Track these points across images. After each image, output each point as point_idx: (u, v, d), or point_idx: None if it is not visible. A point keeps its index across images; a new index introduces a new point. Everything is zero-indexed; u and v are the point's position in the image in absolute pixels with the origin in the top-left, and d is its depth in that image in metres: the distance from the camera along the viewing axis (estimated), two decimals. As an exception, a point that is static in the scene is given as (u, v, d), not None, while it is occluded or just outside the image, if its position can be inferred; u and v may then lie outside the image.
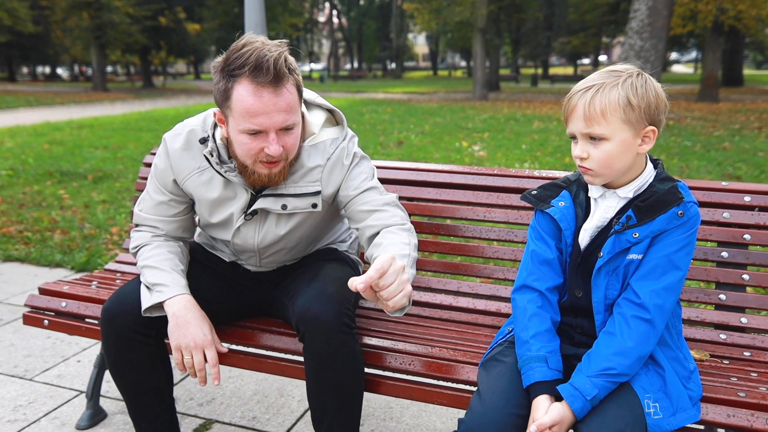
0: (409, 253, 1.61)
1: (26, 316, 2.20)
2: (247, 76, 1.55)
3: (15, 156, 8.46)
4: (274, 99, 1.57)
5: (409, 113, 16.52)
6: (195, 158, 1.80)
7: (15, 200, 5.79)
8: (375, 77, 55.06)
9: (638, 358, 1.41)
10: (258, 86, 1.55)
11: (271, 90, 1.56)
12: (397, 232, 1.69)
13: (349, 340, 1.67)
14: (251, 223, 1.83)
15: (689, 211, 1.44)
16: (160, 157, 1.84)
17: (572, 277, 1.55)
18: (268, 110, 1.57)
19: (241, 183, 1.76)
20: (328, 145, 1.81)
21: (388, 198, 1.80)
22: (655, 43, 14.04)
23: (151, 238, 1.87)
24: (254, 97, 1.56)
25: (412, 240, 1.69)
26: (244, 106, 1.57)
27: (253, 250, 1.90)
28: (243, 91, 1.56)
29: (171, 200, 1.87)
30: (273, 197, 1.78)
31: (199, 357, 1.70)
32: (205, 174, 1.79)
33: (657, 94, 1.43)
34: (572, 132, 1.47)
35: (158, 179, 1.86)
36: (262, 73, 1.54)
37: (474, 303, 2.14)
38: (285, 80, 1.58)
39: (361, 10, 57.65)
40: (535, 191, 1.64)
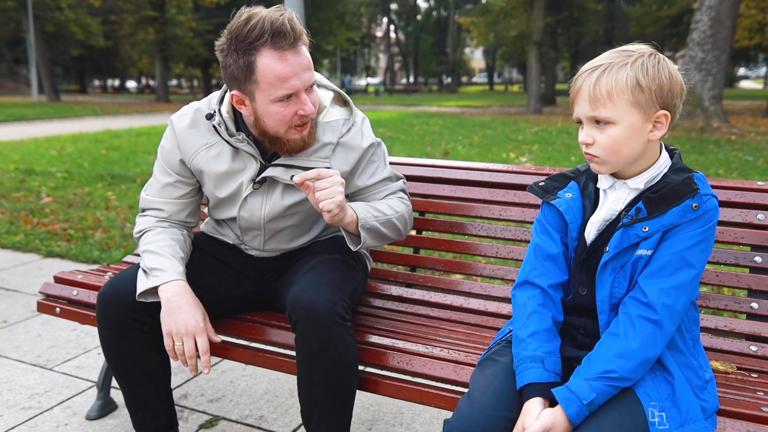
0: (388, 214, 1.77)
1: (40, 303, 2.22)
2: (269, 45, 1.58)
3: (72, 160, 8.81)
4: (298, 59, 1.61)
5: (459, 125, 16.39)
6: (202, 135, 1.81)
7: (65, 200, 6.00)
8: (430, 91, 55.08)
9: (643, 361, 1.29)
10: (282, 51, 1.59)
11: (293, 51, 1.60)
12: (395, 199, 1.85)
13: (342, 332, 1.61)
14: (258, 193, 1.82)
15: (705, 204, 1.31)
16: (167, 138, 1.86)
17: (577, 274, 1.44)
18: (296, 72, 1.61)
19: (251, 152, 1.76)
20: (341, 124, 1.82)
21: (399, 185, 1.92)
22: (717, 55, 13.51)
23: (155, 223, 1.86)
24: (282, 63, 1.59)
25: (401, 211, 1.82)
26: (274, 74, 1.59)
27: (258, 227, 1.87)
28: (269, 60, 1.59)
29: (177, 181, 1.86)
30: (283, 167, 1.77)
31: (190, 344, 1.67)
32: (213, 149, 1.80)
33: (671, 76, 1.31)
34: (578, 116, 1.37)
35: (164, 161, 1.86)
36: (283, 38, 1.58)
37: (485, 305, 2.04)
38: (302, 39, 1.63)
39: (418, 25, 57.92)
40: (543, 182, 1.54)
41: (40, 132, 13.75)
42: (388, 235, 1.79)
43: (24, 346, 2.92)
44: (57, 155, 9.38)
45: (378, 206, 1.77)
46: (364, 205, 1.75)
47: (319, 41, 36.96)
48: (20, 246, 4.48)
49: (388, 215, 1.77)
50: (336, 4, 38.00)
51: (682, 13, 26.10)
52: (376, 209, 1.75)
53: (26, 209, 5.55)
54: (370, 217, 1.72)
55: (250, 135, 1.78)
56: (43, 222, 5.08)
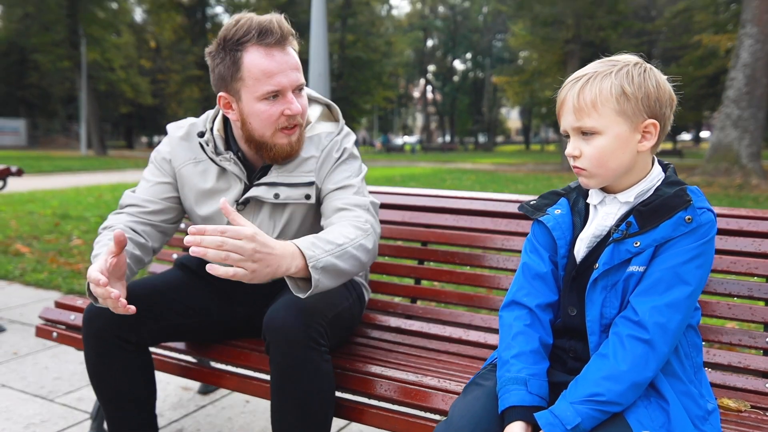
0: (341, 244, 1.51)
1: (39, 328, 2.22)
2: (255, 42, 1.60)
3: (108, 206, 9.03)
4: (285, 57, 1.63)
5: (492, 181, 16.36)
6: (192, 149, 1.82)
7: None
8: (466, 150, 55.51)
9: (633, 384, 1.19)
10: (268, 48, 1.60)
11: (280, 49, 1.62)
12: (346, 225, 1.63)
13: (315, 357, 1.53)
14: (244, 214, 1.79)
15: (700, 217, 1.23)
16: (163, 143, 1.88)
17: (566, 293, 1.36)
18: (282, 68, 1.61)
19: (236, 172, 1.75)
20: (323, 137, 1.80)
21: (361, 200, 1.74)
22: (753, 112, 13.31)
23: (126, 222, 1.75)
24: (267, 59, 1.60)
25: (357, 237, 1.58)
26: (260, 69, 1.60)
27: None
28: (254, 56, 1.60)
29: (168, 183, 1.85)
30: (266, 186, 1.74)
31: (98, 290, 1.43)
32: (200, 165, 1.81)
33: (658, 84, 1.27)
34: (564, 128, 1.33)
35: (158, 162, 1.86)
36: (269, 35, 1.60)
37: (485, 337, 1.95)
38: (289, 39, 1.64)
39: (455, 85, 58.94)
40: (534, 201, 1.48)
41: (83, 182, 14.23)
42: (347, 270, 1.52)
43: (29, 377, 2.91)
44: (94, 202, 9.65)
45: (327, 236, 1.52)
46: (310, 239, 1.48)
47: (356, 100, 37.91)
48: (43, 283, 4.55)
49: (341, 244, 1.51)
50: (374, 64, 39.07)
51: (718, 73, 25.96)
52: (325, 240, 1.49)
53: (55, 250, 5.67)
54: (321, 252, 1.45)
55: (239, 152, 1.78)
56: (69, 261, 5.17)
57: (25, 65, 38.73)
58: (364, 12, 39.89)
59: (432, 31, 58.48)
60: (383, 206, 2.27)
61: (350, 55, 37.94)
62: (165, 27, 35.85)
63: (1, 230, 6.73)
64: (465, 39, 55.62)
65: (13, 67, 39.21)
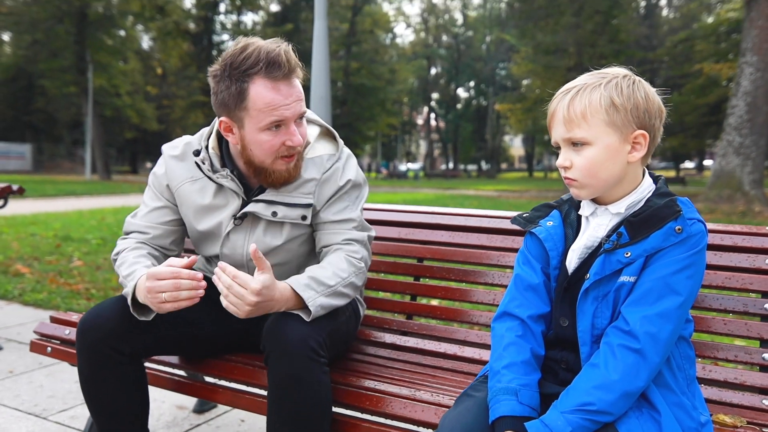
0: (333, 285, 1.65)
1: (33, 342, 2.21)
2: (263, 74, 1.61)
3: (109, 229, 9.06)
4: (290, 90, 1.65)
5: (495, 206, 16.38)
6: (188, 168, 1.83)
7: (94, 264, 6.11)
8: (469, 177, 55.70)
9: (624, 394, 1.18)
10: (275, 81, 1.62)
11: (286, 82, 1.64)
12: (342, 259, 1.72)
13: (314, 368, 1.53)
14: (241, 230, 1.80)
15: (690, 227, 1.24)
16: (159, 165, 1.89)
17: (558, 304, 1.36)
18: (287, 102, 1.64)
19: (234, 188, 1.76)
20: (325, 159, 1.81)
21: (361, 236, 1.80)
22: (755, 140, 13.36)
23: (134, 245, 1.83)
24: (273, 92, 1.62)
25: (349, 275, 1.70)
26: (265, 102, 1.62)
27: (242, 265, 1.84)
28: (261, 89, 1.61)
29: (166, 207, 1.87)
30: (264, 203, 1.76)
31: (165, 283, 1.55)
32: (197, 183, 1.82)
33: (647, 96, 1.28)
34: (555, 140, 1.34)
35: (155, 186, 1.88)
36: (277, 68, 1.61)
37: (480, 353, 1.94)
38: (296, 72, 1.66)
39: (458, 113, 59.31)
40: (527, 214, 1.49)
41: (86, 206, 14.28)
42: (336, 305, 1.67)
43: (24, 396, 2.89)
44: (96, 225, 9.68)
45: (321, 276, 1.65)
46: (305, 280, 1.62)
47: (360, 126, 38.20)
48: (42, 303, 4.54)
49: (333, 285, 1.65)
50: (378, 91, 39.46)
51: (720, 102, 26.14)
52: (319, 282, 1.63)
53: (55, 270, 5.67)
54: (314, 294, 1.60)
55: (235, 170, 1.79)
56: (69, 282, 5.17)
57: (32, 91, 39.18)
58: (369, 40, 40.43)
59: (435, 60, 59.11)
60: (379, 222, 2.27)
61: (354, 82, 38.35)
62: (171, 54, 36.33)
63: (2, 251, 6.74)
64: (468, 67, 56.15)
65: (21, 93, 39.68)
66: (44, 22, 30.68)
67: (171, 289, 1.54)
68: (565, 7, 26.78)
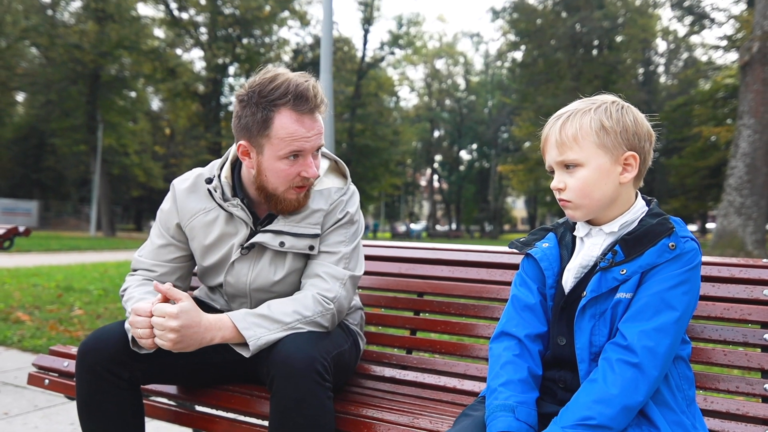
0: (289, 322, 1.64)
1: (31, 375, 2.20)
2: (290, 105, 1.66)
3: (111, 281, 9.06)
4: (313, 123, 1.69)
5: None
6: (200, 200, 1.85)
7: (95, 313, 6.09)
8: (472, 237, 55.79)
9: (624, 408, 1.18)
10: (300, 114, 1.67)
11: (310, 116, 1.69)
12: (310, 297, 1.71)
13: (319, 392, 1.53)
14: (246, 260, 1.82)
15: (684, 245, 1.27)
16: (167, 200, 1.91)
17: (555, 323, 1.37)
18: (308, 135, 1.68)
19: (243, 217, 1.79)
20: (333, 192, 1.84)
21: (341, 273, 1.78)
22: (756, 200, 13.43)
23: (143, 281, 1.86)
24: (297, 124, 1.67)
25: (313, 315, 1.68)
26: (288, 132, 1.66)
27: (244, 294, 1.85)
28: (286, 120, 1.66)
29: (171, 244, 1.89)
30: (272, 233, 1.78)
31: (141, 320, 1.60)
32: (210, 214, 1.84)
33: (636, 120, 1.33)
34: (548, 163, 1.38)
35: (161, 223, 1.90)
36: (305, 102, 1.66)
37: (481, 387, 1.92)
38: (320, 108, 1.71)
39: (461, 174, 59.97)
40: (524, 238, 1.52)
41: (89, 259, 14.31)
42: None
43: (18, 436, 2.85)
44: (98, 277, 9.68)
45: (276, 313, 1.65)
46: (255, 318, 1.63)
47: (364, 186, 38.57)
48: (41, 349, 4.50)
49: (289, 323, 1.63)
50: (382, 152, 40.04)
51: (720, 164, 26.45)
52: (272, 320, 1.63)
53: (56, 318, 5.65)
54: (264, 331, 1.61)
55: (245, 198, 1.82)
56: (69, 329, 5.14)
57: (43, 149, 39.86)
58: (373, 103, 41.33)
59: (439, 123, 60.21)
60: (380, 258, 2.30)
61: (359, 143, 38.99)
62: (180, 114, 37.12)
63: (4, 300, 6.73)
64: (471, 130, 57.12)
65: (31, 151, 40.36)
66: (58, 83, 31.57)
67: (145, 326, 1.58)
68: (565, 72, 27.53)
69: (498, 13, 34.08)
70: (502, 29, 35.75)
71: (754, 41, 13.67)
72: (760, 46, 13.45)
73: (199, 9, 33.65)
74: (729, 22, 28.11)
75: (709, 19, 29.54)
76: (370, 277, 2.29)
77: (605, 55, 29.71)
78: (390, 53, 44.67)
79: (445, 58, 58.27)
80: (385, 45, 43.63)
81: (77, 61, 30.20)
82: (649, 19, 30.70)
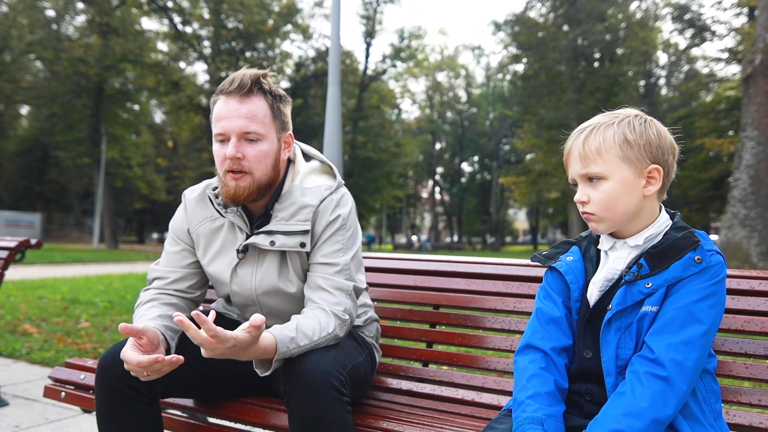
0: (317, 340, 1.63)
1: (47, 388, 2.20)
2: (224, 91, 1.75)
3: (117, 293, 9.06)
4: (238, 106, 1.72)
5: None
6: (207, 208, 1.89)
7: (102, 325, 6.09)
8: (474, 249, 55.73)
9: (653, 421, 1.18)
10: (227, 96, 1.74)
11: (237, 98, 1.73)
12: (327, 313, 1.70)
13: (338, 407, 1.52)
14: (248, 265, 1.83)
15: (709, 258, 1.27)
16: (179, 210, 1.95)
17: (581, 336, 1.37)
18: (230, 115, 1.72)
19: (239, 224, 1.82)
20: (323, 189, 1.84)
21: (345, 284, 1.77)
22: (761, 212, 13.42)
23: (153, 296, 1.86)
24: (223, 104, 1.74)
25: (334, 329, 1.68)
26: (216, 114, 1.75)
27: (252, 301, 1.86)
28: (218, 104, 1.76)
29: (184, 250, 1.91)
30: (264, 234, 1.79)
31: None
32: (216, 222, 1.87)
33: (659, 133, 1.34)
34: (572, 176, 1.39)
35: (174, 231, 1.94)
36: (231, 85, 1.73)
37: (499, 399, 1.92)
38: (252, 93, 1.73)
39: (462, 186, 60.00)
40: (547, 251, 1.53)
41: (93, 272, 14.31)
42: None
43: (29, 449, 2.84)
44: (104, 289, 9.67)
45: (306, 329, 1.63)
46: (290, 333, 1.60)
47: (365, 198, 38.63)
48: (50, 362, 4.50)
49: (316, 341, 1.63)
50: (383, 164, 40.12)
51: (723, 176, 26.46)
52: (303, 335, 1.61)
53: (63, 331, 5.64)
54: (296, 348, 1.59)
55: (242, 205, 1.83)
56: (76, 342, 5.14)
57: (46, 162, 39.99)
58: (375, 115, 41.46)
59: (440, 135, 60.36)
60: (395, 271, 2.30)
61: (361, 155, 39.08)
62: (183, 127, 37.27)
63: (10, 312, 6.73)
64: (472, 142, 57.24)
65: (34, 164, 40.47)
66: (63, 96, 31.70)
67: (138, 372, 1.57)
68: (567, 84, 27.62)
69: (499, 26, 34.27)
70: (503, 42, 35.93)
71: (756, 54, 13.73)
72: (763, 59, 13.51)
73: (203, 23, 33.83)
74: (730, 35, 28.24)
75: (710, 31, 29.68)
76: (385, 289, 2.29)
77: (607, 67, 29.81)
78: (392, 66, 44.88)
79: (446, 70, 58.52)
80: (386, 58, 43.84)
81: (81, 75, 30.34)
82: (650, 32, 30.82)
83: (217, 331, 1.43)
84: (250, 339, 1.47)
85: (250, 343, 1.49)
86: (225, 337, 1.44)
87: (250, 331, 1.46)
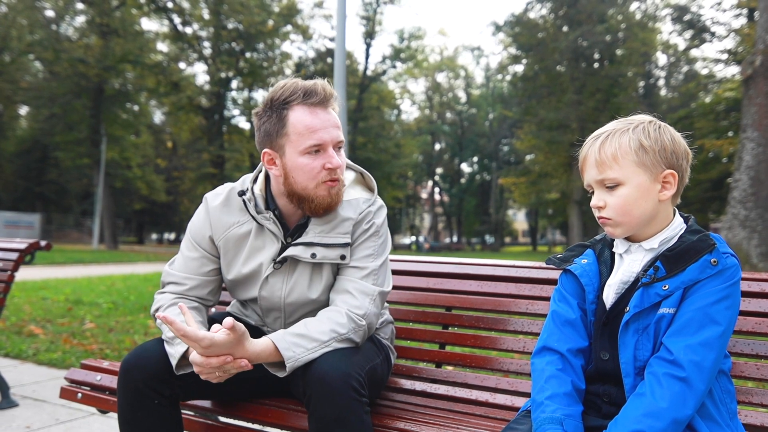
0: (326, 341, 1.64)
1: (63, 389, 2.22)
2: (300, 101, 1.74)
3: (120, 294, 9.08)
4: (327, 116, 1.76)
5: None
6: (233, 214, 1.87)
7: (107, 326, 6.11)
8: (473, 250, 55.78)
9: (673, 421, 1.20)
10: (312, 107, 1.74)
11: (322, 109, 1.76)
12: (343, 314, 1.71)
13: (357, 408, 1.55)
14: (280, 274, 1.84)
15: (725, 260, 1.30)
16: (199, 214, 1.93)
17: (598, 338, 1.40)
18: (325, 126, 1.74)
19: (275, 231, 1.82)
20: (361, 202, 1.87)
21: (370, 289, 1.79)
22: (761, 213, 13.45)
23: (171, 299, 1.87)
24: (311, 116, 1.73)
25: (347, 331, 1.69)
26: (304, 125, 1.73)
27: (278, 308, 1.87)
28: (299, 114, 1.73)
29: (203, 257, 1.90)
30: (303, 246, 1.80)
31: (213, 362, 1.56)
32: (244, 227, 1.86)
33: (673, 139, 1.37)
34: (588, 182, 1.42)
35: (193, 236, 1.91)
36: (314, 95, 1.74)
37: (512, 400, 1.95)
38: (332, 101, 1.77)
39: (462, 187, 60.04)
40: (561, 254, 1.55)
41: (95, 272, 14.33)
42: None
43: (42, 450, 2.86)
44: (106, 290, 9.70)
45: (313, 332, 1.65)
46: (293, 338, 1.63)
47: (365, 199, 38.66)
48: (57, 363, 4.53)
49: (326, 341, 1.64)
50: (383, 165, 40.18)
51: (722, 177, 26.51)
52: (310, 338, 1.63)
53: (68, 332, 5.67)
54: (302, 351, 1.61)
55: (276, 210, 1.85)
56: (82, 343, 5.16)
57: (45, 162, 39.95)
58: (375, 116, 41.53)
59: (440, 136, 60.37)
60: (408, 273, 2.33)
61: (361, 155, 39.12)
62: (183, 128, 37.27)
63: (15, 313, 6.75)
64: (472, 143, 57.26)
65: (34, 165, 40.44)
66: (62, 96, 31.70)
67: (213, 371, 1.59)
68: (567, 85, 27.67)
69: (500, 26, 34.32)
70: (503, 43, 35.98)
71: (756, 55, 13.77)
72: (763, 60, 13.55)
73: (203, 23, 33.86)
74: (730, 36, 28.30)
75: (710, 33, 29.74)
76: (399, 291, 2.31)
77: (607, 68, 29.87)
78: (391, 67, 44.94)
79: (446, 71, 58.53)
80: (386, 59, 43.90)
81: (81, 75, 30.34)
82: (649, 33, 30.89)
83: (187, 331, 1.49)
84: (229, 340, 1.51)
85: (232, 345, 1.52)
86: (197, 336, 1.49)
87: (227, 332, 1.50)
